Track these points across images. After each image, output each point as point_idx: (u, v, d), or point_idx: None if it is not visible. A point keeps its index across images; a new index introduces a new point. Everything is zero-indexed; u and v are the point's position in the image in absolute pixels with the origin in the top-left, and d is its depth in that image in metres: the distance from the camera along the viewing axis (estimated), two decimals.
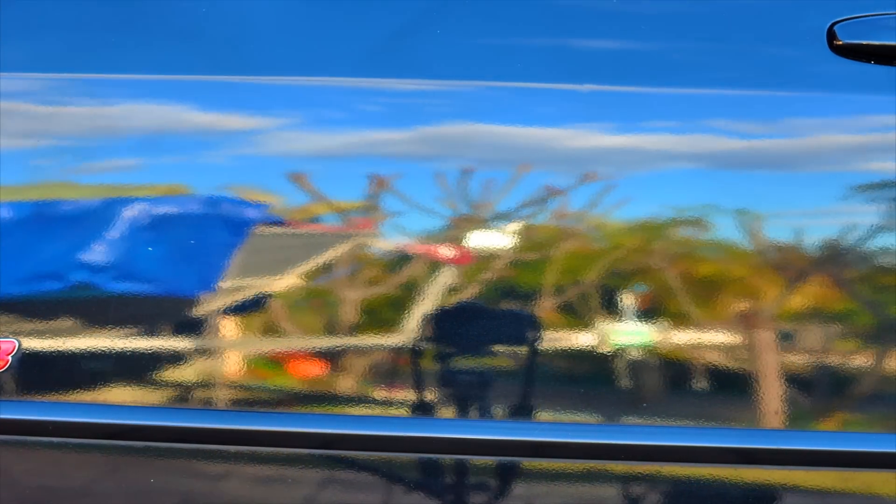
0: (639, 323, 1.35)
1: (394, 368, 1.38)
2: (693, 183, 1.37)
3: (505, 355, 1.37)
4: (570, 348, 1.36)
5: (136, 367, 1.40)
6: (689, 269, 1.36)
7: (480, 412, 1.38)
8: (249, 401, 1.40)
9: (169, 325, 1.40)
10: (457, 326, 1.37)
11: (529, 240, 1.37)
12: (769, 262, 1.36)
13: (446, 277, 1.36)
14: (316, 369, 1.40)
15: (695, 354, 1.36)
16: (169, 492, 1.43)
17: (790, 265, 1.36)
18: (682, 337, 1.36)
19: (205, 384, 1.40)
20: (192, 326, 1.39)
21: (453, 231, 1.37)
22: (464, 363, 1.37)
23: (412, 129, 1.39)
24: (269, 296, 1.39)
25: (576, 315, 1.36)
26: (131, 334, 1.40)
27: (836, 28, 1.39)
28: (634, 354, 1.36)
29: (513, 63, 1.41)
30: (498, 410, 1.38)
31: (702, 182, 1.37)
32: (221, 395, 1.40)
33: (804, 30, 1.41)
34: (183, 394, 1.40)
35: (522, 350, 1.37)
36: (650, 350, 1.36)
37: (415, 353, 1.37)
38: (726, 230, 1.35)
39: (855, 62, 1.39)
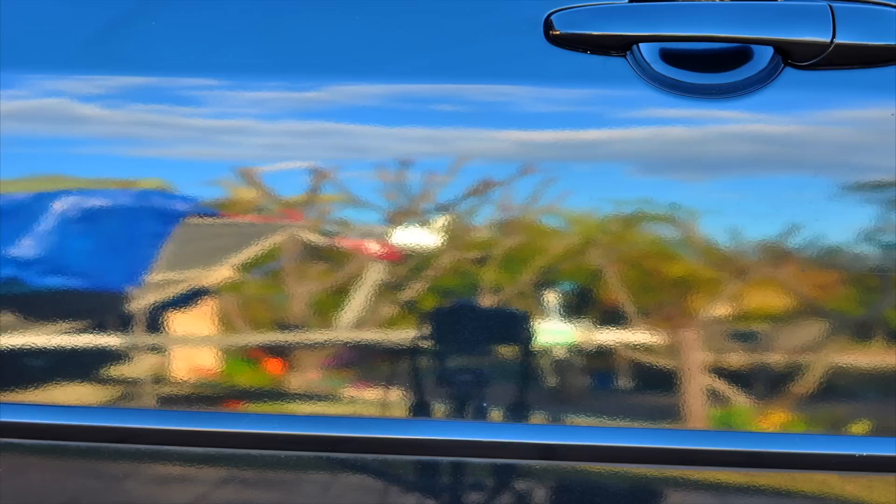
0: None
1: (332, 365, 1.42)
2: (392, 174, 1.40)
3: (436, 350, 1.41)
4: (501, 347, 1.40)
5: (68, 365, 1.42)
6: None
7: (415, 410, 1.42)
8: (180, 399, 1.43)
9: (97, 320, 1.41)
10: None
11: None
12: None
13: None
14: (253, 366, 1.42)
15: (618, 353, 1.40)
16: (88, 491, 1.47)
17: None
18: (593, 336, 1.40)
19: (134, 382, 1.42)
20: (122, 322, 1.41)
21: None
22: (401, 360, 1.41)
23: None
24: (200, 290, 1.41)
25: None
26: (62, 331, 1.41)
27: (552, 18, 1.40)
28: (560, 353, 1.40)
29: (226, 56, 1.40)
30: (434, 407, 1.42)
31: (407, 173, 1.40)
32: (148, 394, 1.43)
33: (521, 20, 1.41)
34: (112, 393, 1.42)
35: (457, 345, 1.40)
36: (575, 349, 1.40)
37: (353, 349, 1.41)
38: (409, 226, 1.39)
39: (571, 52, 1.40)
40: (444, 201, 1.39)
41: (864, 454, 1.40)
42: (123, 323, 1.40)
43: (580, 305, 1.40)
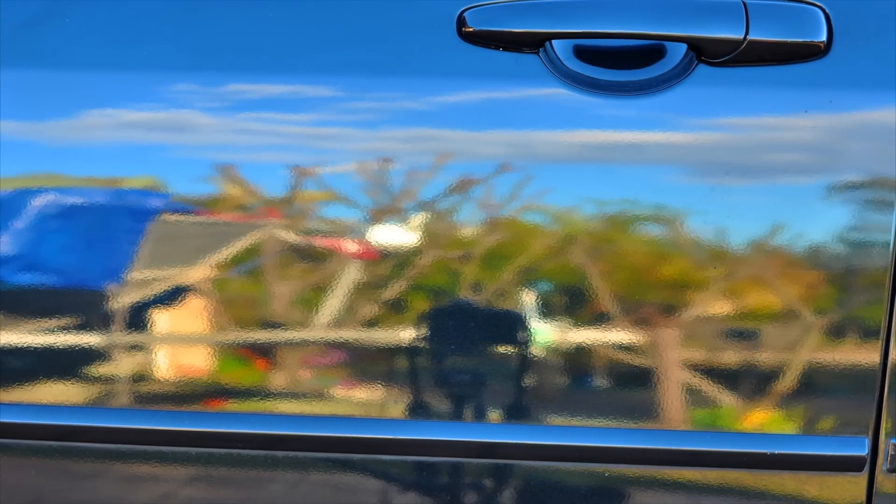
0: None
1: (305, 364, 1.42)
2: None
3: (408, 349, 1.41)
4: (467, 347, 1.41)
5: (44, 364, 1.42)
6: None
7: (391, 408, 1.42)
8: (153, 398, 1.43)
9: (74, 318, 1.41)
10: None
11: None
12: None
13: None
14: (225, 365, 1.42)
15: (588, 353, 1.40)
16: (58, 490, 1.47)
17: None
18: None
19: (109, 381, 1.42)
20: (98, 320, 1.41)
21: None
22: (378, 360, 1.41)
23: None
24: (176, 289, 1.40)
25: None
26: (39, 329, 1.41)
27: (466, 14, 1.39)
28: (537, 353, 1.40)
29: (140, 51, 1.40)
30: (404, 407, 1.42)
31: (321, 170, 1.39)
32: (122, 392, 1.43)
33: (435, 17, 1.40)
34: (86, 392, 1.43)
35: (429, 344, 1.40)
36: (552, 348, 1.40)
37: (331, 347, 1.41)
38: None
39: (483, 49, 1.39)
40: (356, 197, 1.39)
41: (776, 452, 1.41)
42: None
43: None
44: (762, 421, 1.40)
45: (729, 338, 1.40)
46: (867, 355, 1.38)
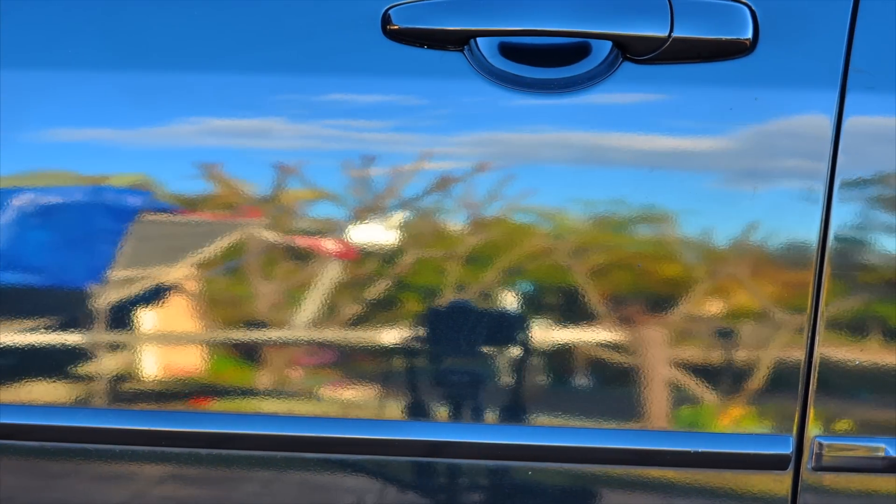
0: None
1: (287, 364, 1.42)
2: (240, 165, 1.39)
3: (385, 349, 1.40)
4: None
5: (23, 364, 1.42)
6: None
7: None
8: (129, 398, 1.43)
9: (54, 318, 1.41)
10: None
11: None
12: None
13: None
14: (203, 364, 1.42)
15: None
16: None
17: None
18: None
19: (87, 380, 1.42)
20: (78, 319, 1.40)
21: None
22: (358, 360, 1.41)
23: None
24: (156, 287, 1.40)
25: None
26: (18, 328, 1.41)
27: (390, 12, 1.39)
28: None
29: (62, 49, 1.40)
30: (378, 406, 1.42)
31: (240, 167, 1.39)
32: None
33: (359, 15, 1.40)
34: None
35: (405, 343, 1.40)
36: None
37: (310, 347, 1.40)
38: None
39: (408, 47, 1.39)
40: (279, 193, 1.39)
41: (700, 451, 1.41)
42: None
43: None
44: (686, 419, 1.40)
45: (658, 334, 1.40)
46: (792, 353, 1.38)
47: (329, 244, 1.39)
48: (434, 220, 1.39)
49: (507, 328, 1.39)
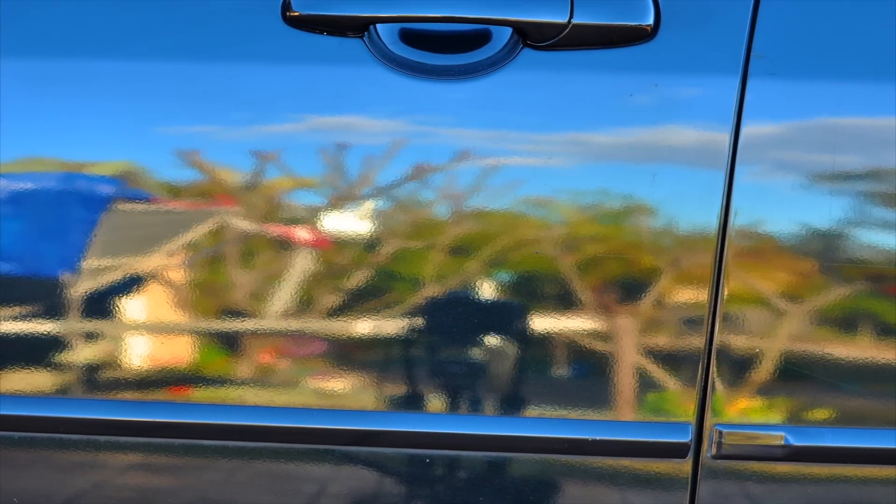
0: None
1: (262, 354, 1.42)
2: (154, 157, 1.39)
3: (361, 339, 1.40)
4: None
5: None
6: None
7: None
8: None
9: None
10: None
11: None
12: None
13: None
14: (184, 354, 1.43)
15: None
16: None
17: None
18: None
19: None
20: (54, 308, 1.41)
21: None
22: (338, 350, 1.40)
23: None
24: (132, 277, 1.40)
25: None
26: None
27: None
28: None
29: None
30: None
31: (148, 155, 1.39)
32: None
33: (259, 0, 1.39)
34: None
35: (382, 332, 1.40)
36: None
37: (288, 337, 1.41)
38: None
39: (308, 33, 1.39)
40: (179, 181, 1.39)
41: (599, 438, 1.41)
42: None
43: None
44: (585, 407, 1.40)
45: (558, 323, 1.40)
46: (692, 341, 1.38)
47: (221, 235, 1.39)
48: (331, 208, 1.38)
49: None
